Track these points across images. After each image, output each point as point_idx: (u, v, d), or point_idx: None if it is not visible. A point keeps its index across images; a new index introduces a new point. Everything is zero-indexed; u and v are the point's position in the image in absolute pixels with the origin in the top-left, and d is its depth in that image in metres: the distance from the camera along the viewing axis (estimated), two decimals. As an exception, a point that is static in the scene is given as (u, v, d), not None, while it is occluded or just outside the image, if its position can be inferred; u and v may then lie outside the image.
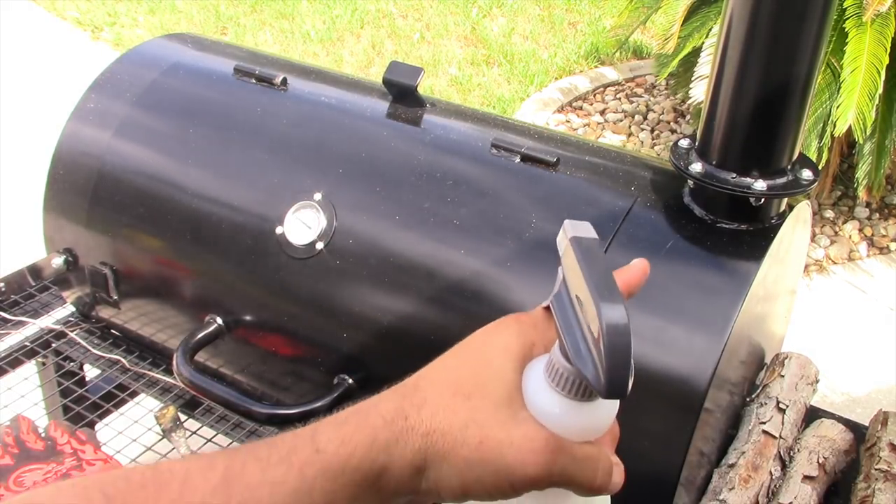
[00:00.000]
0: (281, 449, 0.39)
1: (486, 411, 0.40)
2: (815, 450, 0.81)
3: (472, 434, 0.39)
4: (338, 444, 0.39)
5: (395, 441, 0.40)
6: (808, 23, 0.70)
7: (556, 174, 0.85)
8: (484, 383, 0.41)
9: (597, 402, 0.41)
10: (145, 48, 1.13)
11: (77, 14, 4.24)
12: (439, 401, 0.41)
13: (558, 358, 0.40)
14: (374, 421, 0.40)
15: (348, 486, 0.39)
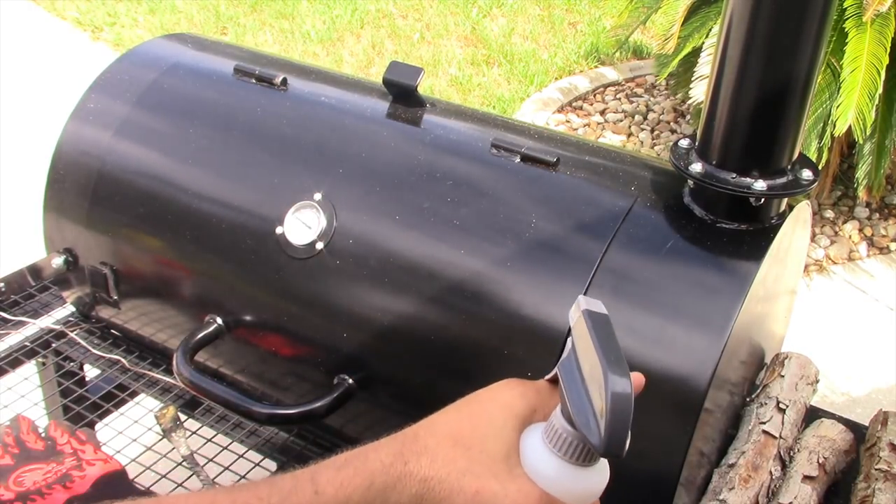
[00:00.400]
0: (282, 489, 0.40)
1: (484, 464, 0.41)
2: (815, 450, 0.81)
3: (468, 483, 0.40)
4: (336, 486, 0.40)
5: (392, 486, 0.41)
6: (808, 23, 0.70)
7: (556, 174, 0.85)
8: (484, 437, 0.42)
9: (591, 469, 0.42)
10: (145, 48, 1.13)
11: (77, 14, 4.24)
12: (438, 450, 0.42)
13: (559, 421, 0.42)
14: (373, 465, 0.41)
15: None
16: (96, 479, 0.88)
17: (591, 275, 0.75)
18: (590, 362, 0.41)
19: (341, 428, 0.94)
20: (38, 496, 0.83)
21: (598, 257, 0.76)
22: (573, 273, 0.76)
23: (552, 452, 0.41)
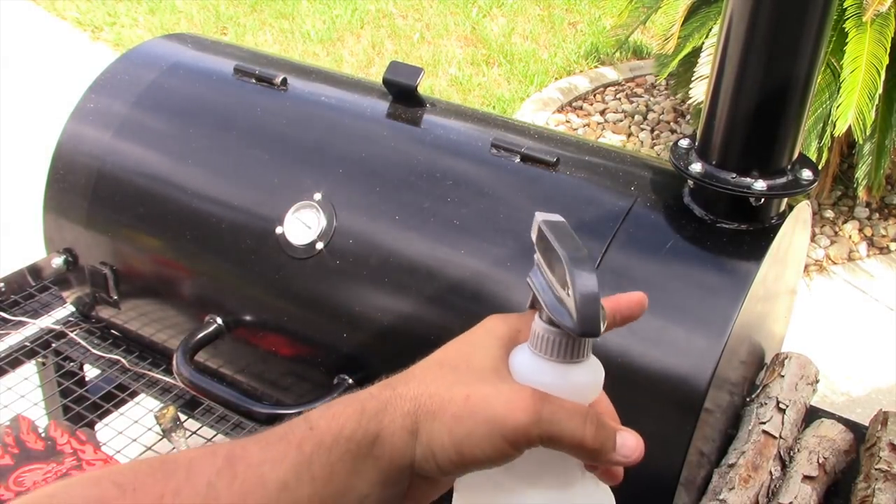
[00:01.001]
0: (278, 431, 0.41)
1: (473, 374, 0.42)
2: (815, 450, 0.81)
3: (458, 392, 0.41)
4: (329, 419, 0.41)
5: (383, 409, 0.41)
6: (808, 23, 0.70)
7: (555, 174, 0.85)
8: (469, 356, 0.43)
9: (580, 365, 0.43)
10: (145, 48, 1.13)
11: (77, 14, 4.24)
12: (425, 373, 0.43)
13: (538, 324, 0.42)
14: (362, 396, 0.42)
15: (344, 457, 0.40)
16: (96, 479, 0.88)
17: (591, 275, 0.75)
18: (555, 265, 0.43)
19: (341, 428, 0.94)
20: (38, 496, 0.83)
21: (598, 257, 0.76)
22: (573, 273, 0.76)
23: (538, 356, 0.42)
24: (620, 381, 0.73)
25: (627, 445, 0.42)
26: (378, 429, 0.41)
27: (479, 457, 0.40)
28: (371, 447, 0.40)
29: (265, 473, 0.39)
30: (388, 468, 0.41)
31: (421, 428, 0.41)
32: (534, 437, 0.40)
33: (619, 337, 0.73)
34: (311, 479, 0.39)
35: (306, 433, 0.40)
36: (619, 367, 0.72)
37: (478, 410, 0.40)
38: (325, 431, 0.40)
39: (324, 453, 0.40)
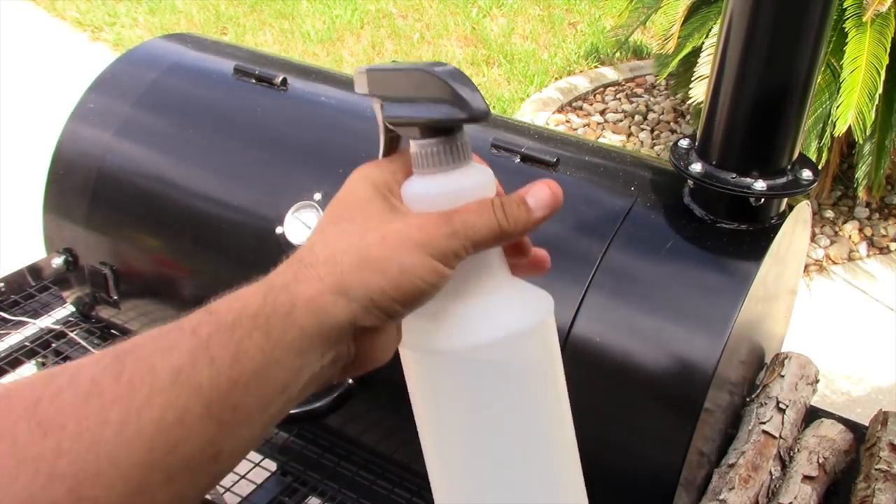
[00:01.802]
0: (173, 323, 0.37)
1: (375, 219, 0.41)
2: (815, 450, 0.81)
3: (372, 237, 0.40)
4: (229, 301, 0.38)
5: (293, 280, 0.39)
6: (808, 23, 0.70)
7: (555, 174, 0.85)
8: (361, 207, 0.42)
9: (469, 167, 0.43)
10: (145, 48, 1.13)
11: (77, 14, 4.24)
12: (327, 237, 0.41)
13: (415, 144, 0.43)
14: (268, 277, 0.40)
15: (252, 335, 0.37)
16: (96, 479, 0.88)
17: (591, 275, 0.75)
18: (402, 83, 0.42)
19: (341, 428, 0.94)
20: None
21: (598, 257, 0.76)
22: (573, 273, 0.76)
23: (427, 175, 0.43)
24: (620, 381, 0.73)
25: (540, 196, 0.43)
26: (291, 299, 0.38)
27: (421, 286, 0.39)
28: (287, 318, 0.38)
29: (156, 363, 0.35)
30: (320, 334, 0.38)
31: (350, 284, 0.39)
32: (459, 248, 0.40)
33: (620, 337, 0.73)
34: (209, 360, 0.36)
35: (202, 317, 0.37)
36: (619, 367, 0.72)
37: (399, 245, 0.39)
38: (225, 312, 0.37)
39: (224, 333, 0.36)
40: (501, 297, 0.45)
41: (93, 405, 0.33)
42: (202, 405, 0.35)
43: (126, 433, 0.33)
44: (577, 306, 0.74)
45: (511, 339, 0.44)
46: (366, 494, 0.92)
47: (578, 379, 0.74)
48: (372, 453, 0.93)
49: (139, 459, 0.34)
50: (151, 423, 0.34)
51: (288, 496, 0.94)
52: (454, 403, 0.45)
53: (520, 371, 0.45)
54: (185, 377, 0.35)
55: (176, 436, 0.35)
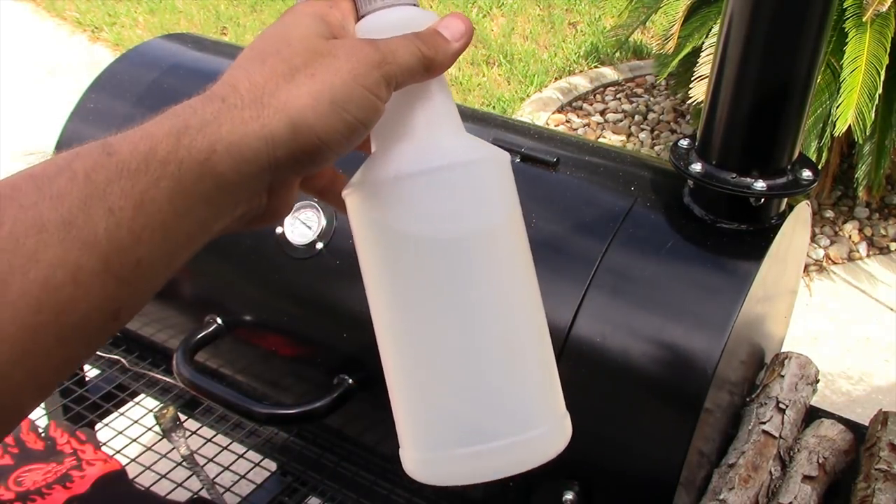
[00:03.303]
0: (59, 161, 0.32)
1: (303, 53, 0.38)
2: (815, 450, 0.81)
3: (301, 77, 0.37)
4: (134, 141, 0.33)
5: (214, 120, 0.34)
6: (808, 23, 0.70)
7: (555, 174, 0.85)
8: (289, 39, 0.38)
9: (408, 7, 0.42)
10: (145, 48, 1.13)
11: (77, 14, 4.24)
12: (252, 74, 0.37)
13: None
14: (179, 111, 0.35)
15: (160, 183, 0.33)
16: (96, 479, 0.88)
17: (591, 275, 0.75)
18: None
19: (341, 428, 0.94)
20: (38, 496, 0.83)
21: (598, 257, 0.76)
22: (573, 273, 0.76)
23: (375, 9, 0.42)
24: (620, 380, 0.73)
25: (454, 27, 0.42)
26: (210, 144, 0.34)
27: (352, 122, 0.37)
28: (203, 165, 0.34)
29: (42, 213, 0.31)
30: (237, 183, 0.35)
31: (276, 129, 0.35)
32: (390, 76, 0.39)
33: (620, 337, 0.73)
34: (107, 211, 0.31)
35: (100, 160, 0.32)
36: (619, 367, 0.72)
37: (330, 77, 0.37)
38: (129, 155, 0.33)
39: (126, 180, 0.32)
40: (450, 137, 0.43)
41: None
42: (98, 261, 0.31)
43: (9, 294, 0.30)
44: (577, 306, 0.74)
45: (465, 167, 0.41)
46: (366, 494, 0.92)
47: (578, 379, 0.74)
48: (372, 453, 0.93)
49: (24, 322, 0.30)
50: (37, 282, 0.30)
51: (288, 496, 0.94)
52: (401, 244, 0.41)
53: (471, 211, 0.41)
54: (77, 231, 0.31)
55: (68, 295, 0.31)
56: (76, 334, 0.32)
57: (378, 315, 0.45)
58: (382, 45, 0.39)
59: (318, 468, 0.95)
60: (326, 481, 0.94)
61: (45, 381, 0.32)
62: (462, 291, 0.41)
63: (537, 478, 0.78)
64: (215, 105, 0.35)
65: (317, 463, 0.96)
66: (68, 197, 0.31)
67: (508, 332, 0.42)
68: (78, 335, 0.32)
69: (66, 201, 0.31)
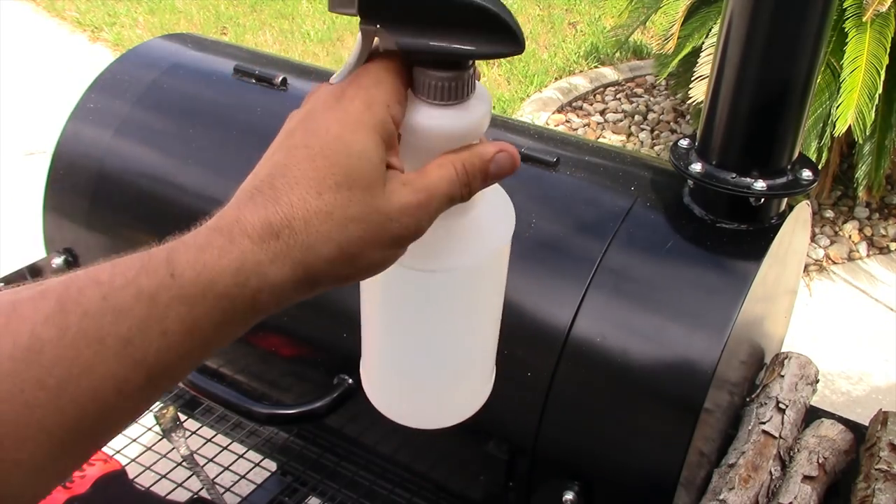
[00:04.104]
0: (127, 272, 0.33)
1: (361, 202, 0.37)
2: (815, 450, 0.81)
3: (353, 231, 0.37)
4: (198, 269, 0.34)
5: (269, 262, 0.36)
6: (808, 23, 0.70)
7: (555, 174, 0.85)
8: (350, 170, 0.37)
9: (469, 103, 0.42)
10: (145, 48, 1.13)
11: (77, 14, 4.24)
12: (307, 205, 0.37)
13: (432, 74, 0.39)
14: (242, 243, 0.36)
15: (212, 313, 0.34)
16: (96, 479, 0.88)
17: (591, 274, 0.75)
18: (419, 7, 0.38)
19: (341, 428, 0.94)
20: (38, 496, 0.83)
21: (598, 257, 0.76)
22: (573, 273, 0.76)
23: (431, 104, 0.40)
24: (620, 380, 0.73)
25: (502, 163, 0.43)
26: (259, 285, 0.36)
27: (372, 271, 0.40)
28: (250, 302, 0.36)
29: (104, 326, 0.32)
30: (275, 310, 0.38)
31: (318, 278, 0.38)
32: (421, 229, 0.40)
33: (620, 337, 0.73)
34: (161, 332, 0.33)
35: (164, 281, 0.33)
36: (618, 367, 0.72)
37: (357, 238, 0.37)
38: (191, 285, 0.34)
39: (183, 307, 0.33)
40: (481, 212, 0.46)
41: (32, 366, 0.31)
42: (144, 377, 0.33)
43: (62, 400, 0.31)
44: (577, 306, 0.74)
45: (493, 254, 0.47)
46: (366, 494, 0.92)
47: (578, 379, 0.74)
48: (372, 453, 0.93)
49: (70, 425, 0.32)
50: (88, 392, 0.32)
51: (288, 496, 0.94)
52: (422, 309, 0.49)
53: (493, 278, 0.49)
54: (132, 349, 0.32)
55: (110, 405, 0.33)
56: (106, 436, 0.35)
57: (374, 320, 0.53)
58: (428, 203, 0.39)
59: (318, 468, 0.95)
60: (326, 481, 0.94)
61: (70, 472, 0.34)
62: (452, 320, 0.50)
63: (538, 478, 0.78)
64: (272, 245, 0.36)
65: (317, 463, 0.96)
66: (130, 314, 0.33)
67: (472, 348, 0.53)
68: (107, 436, 0.35)
69: (127, 318, 0.32)
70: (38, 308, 0.32)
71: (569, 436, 0.75)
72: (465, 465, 0.85)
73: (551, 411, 0.74)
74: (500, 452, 0.77)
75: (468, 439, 0.81)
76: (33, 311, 0.32)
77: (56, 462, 0.32)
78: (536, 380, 0.75)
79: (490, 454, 0.77)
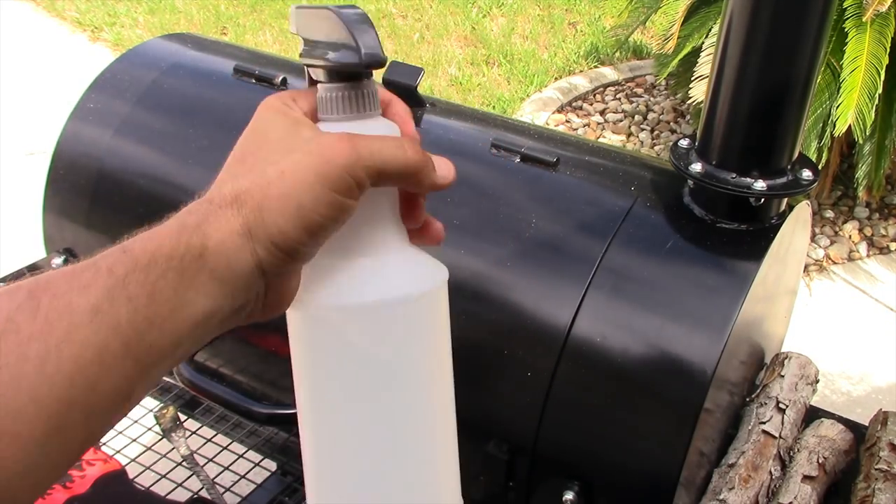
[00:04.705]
0: (86, 262, 0.37)
1: (276, 151, 0.41)
2: (815, 450, 0.81)
3: (272, 172, 0.40)
4: (144, 241, 0.38)
5: (204, 220, 0.39)
6: (808, 23, 0.70)
7: (555, 174, 0.85)
8: (263, 137, 0.42)
9: (376, 120, 0.44)
10: (145, 48, 1.13)
11: (77, 14, 4.24)
12: (234, 176, 0.41)
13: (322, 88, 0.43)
14: (180, 214, 0.40)
15: (167, 275, 0.37)
16: (96, 479, 0.89)
17: (591, 275, 0.75)
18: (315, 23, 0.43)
19: (341, 428, 0.94)
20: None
21: (598, 257, 0.76)
22: (573, 273, 0.76)
23: (326, 122, 0.43)
24: (620, 380, 0.73)
25: (442, 166, 0.44)
26: (203, 241, 0.38)
27: (320, 221, 0.39)
28: (199, 260, 0.38)
29: (73, 300, 0.35)
30: (230, 277, 0.39)
31: (253, 227, 0.39)
32: (361, 175, 0.40)
33: (620, 337, 0.73)
34: (126, 299, 0.36)
35: (118, 257, 0.37)
36: (619, 367, 0.72)
37: (298, 177, 0.39)
38: (141, 252, 0.37)
39: (140, 273, 0.36)
40: (393, 259, 0.44)
41: (10, 342, 0.33)
42: (121, 343, 0.35)
43: (46, 369, 0.33)
44: (577, 306, 0.74)
45: (396, 303, 0.43)
46: (366, 494, 0.92)
47: (578, 379, 0.74)
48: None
49: (60, 395, 0.33)
50: (71, 359, 0.34)
51: (288, 496, 0.94)
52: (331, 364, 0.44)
53: (400, 338, 0.43)
54: (103, 315, 0.35)
55: (95, 373, 0.35)
56: (99, 412, 0.35)
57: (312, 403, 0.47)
58: (362, 144, 0.40)
59: (318, 468, 0.95)
60: (326, 481, 0.94)
61: (70, 458, 0.35)
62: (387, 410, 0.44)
63: (538, 478, 0.78)
64: (205, 206, 0.40)
65: (317, 463, 0.96)
66: (94, 286, 0.35)
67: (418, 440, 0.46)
68: (99, 413, 0.35)
69: (92, 290, 0.35)
70: (13, 298, 0.34)
71: (569, 436, 0.75)
72: (465, 465, 0.85)
73: (551, 411, 0.74)
74: (500, 452, 0.77)
75: (468, 439, 0.81)
76: (8, 301, 0.34)
77: (52, 439, 0.33)
78: (536, 380, 0.75)
79: (490, 454, 0.77)
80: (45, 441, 0.33)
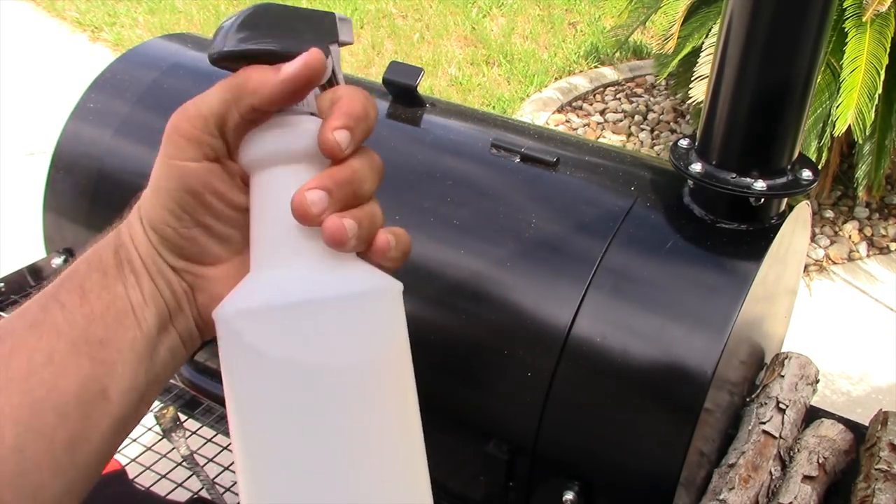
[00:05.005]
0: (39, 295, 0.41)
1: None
2: (815, 450, 0.81)
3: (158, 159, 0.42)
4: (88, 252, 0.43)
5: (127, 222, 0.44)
6: (808, 23, 0.70)
7: (555, 174, 0.85)
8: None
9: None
10: (145, 48, 1.13)
11: (77, 14, 4.24)
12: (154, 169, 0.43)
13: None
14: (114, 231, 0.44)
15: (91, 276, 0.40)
16: (96, 479, 0.88)
17: (590, 275, 0.75)
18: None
19: (341, 428, 0.94)
20: (38, 496, 0.83)
21: (598, 257, 0.76)
22: (573, 273, 0.76)
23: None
24: (620, 380, 0.73)
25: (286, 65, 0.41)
26: (119, 239, 0.43)
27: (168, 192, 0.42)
28: (115, 256, 0.42)
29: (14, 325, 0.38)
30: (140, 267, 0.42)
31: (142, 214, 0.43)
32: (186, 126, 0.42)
33: (620, 337, 0.73)
34: (60, 306, 0.39)
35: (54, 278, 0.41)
36: (618, 367, 0.72)
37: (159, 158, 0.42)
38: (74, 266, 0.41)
39: (68, 281, 0.40)
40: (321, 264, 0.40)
41: None
42: (67, 343, 0.38)
43: (9, 372, 0.36)
44: (577, 306, 0.74)
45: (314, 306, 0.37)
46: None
47: (578, 379, 0.74)
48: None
49: (21, 400, 0.36)
50: (20, 368, 0.36)
51: (288, 496, 0.94)
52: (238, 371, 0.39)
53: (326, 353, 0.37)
54: (41, 325, 0.38)
55: (50, 374, 0.37)
56: (73, 411, 0.37)
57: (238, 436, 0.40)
58: (192, 100, 0.42)
59: (318, 468, 0.95)
60: (326, 481, 0.94)
61: (61, 463, 0.36)
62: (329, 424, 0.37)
63: (538, 478, 0.78)
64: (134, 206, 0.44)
65: (317, 463, 0.96)
66: (32, 307, 0.39)
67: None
68: (75, 412, 0.37)
69: (30, 311, 0.39)
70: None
71: (569, 436, 0.75)
72: (465, 465, 0.85)
73: (551, 411, 0.74)
74: (500, 452, 0.77)
75: (468, 439, 0.81)
76: None
77: (28, 443, 0.35)
78: (536, 380, 0.75)
79: (490, 454, 0.77)
80: (21, 445, 0.35)
